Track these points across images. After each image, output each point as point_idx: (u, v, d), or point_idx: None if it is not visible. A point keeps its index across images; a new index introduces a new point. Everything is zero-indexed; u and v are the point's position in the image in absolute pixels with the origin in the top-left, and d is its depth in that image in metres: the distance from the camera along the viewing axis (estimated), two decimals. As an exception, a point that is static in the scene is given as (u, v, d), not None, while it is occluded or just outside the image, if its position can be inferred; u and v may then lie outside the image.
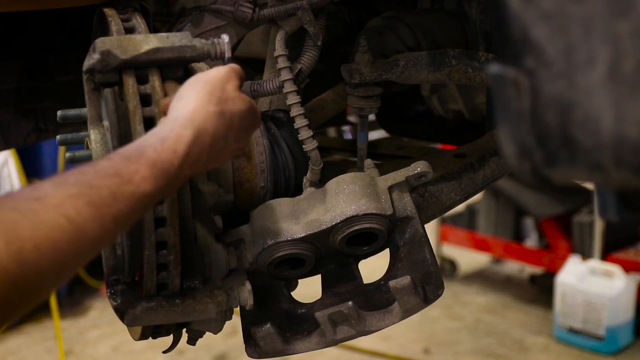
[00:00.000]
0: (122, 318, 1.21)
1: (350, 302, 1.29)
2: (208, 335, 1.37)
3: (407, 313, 1.32)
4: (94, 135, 1.22)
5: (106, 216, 0.90)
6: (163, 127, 1.02)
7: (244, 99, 1.11)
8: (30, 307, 0.89)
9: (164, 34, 1.19)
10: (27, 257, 0.83)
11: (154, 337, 1.33)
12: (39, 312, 4.51)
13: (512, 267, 5.07)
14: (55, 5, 1.39)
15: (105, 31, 1.27)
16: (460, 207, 4.20)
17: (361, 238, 1.35)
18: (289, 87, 1.39)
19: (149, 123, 1.15)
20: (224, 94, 1.08)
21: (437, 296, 1.33)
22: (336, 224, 1.31)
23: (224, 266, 1.28)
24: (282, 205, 1.34)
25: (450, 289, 4.68)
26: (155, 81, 1.16)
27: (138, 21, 1.24)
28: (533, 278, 4.84)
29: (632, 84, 0.76)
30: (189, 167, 1.01)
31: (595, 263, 4.11)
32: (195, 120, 1.03)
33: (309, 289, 1.57)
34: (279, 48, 1.40)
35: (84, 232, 0.88)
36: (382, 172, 1.39)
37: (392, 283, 1.30)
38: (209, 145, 1.03)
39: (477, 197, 3.34)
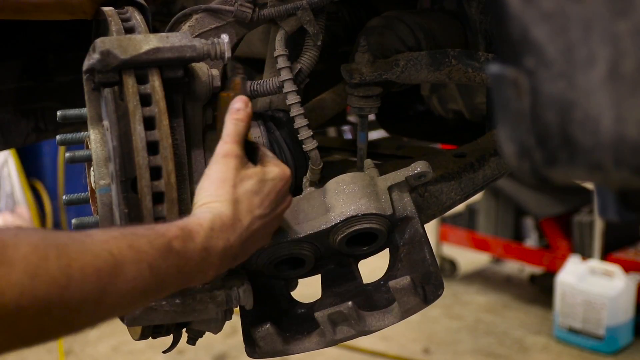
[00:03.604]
0: (122, 318, 1.21)
1: (350, 302, 1.29)
2: (208, 335, 1.37)
3: (406, 313, 1.32)
4: (94, 135, 1.23)
5: (143, 261, 0.97)
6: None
7: (248, 176, 1.17)
8: (64, 332, 0.93)
9: (163, 34, 1.19)
10: (74, 274, 0.90)
11: (153, 337, 1.34)
12: (39, 312, 4.50)
13: (512, 267, 5.07)
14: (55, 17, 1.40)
15: (105, 31, 1.27)
16: (460, 207, 4.20)
17: (361, 238, 1.35)
18: (288, 87, 1.39)
19: (149, 123, 1.15)
20: (227, 182, 1.15)
21: (437, 296, 1.33)
22: (336, 224, 1.31)
23: (224, 266, 1.28)
24: (282, 205, 1.34)
25: (450, 289, 4.68)
26: (155, 81, 1.16)
27: (138, 21, 1.24)
28: (533, 278, 4.84)
29: (632, 83, 0.76)
30: (219, 242, 1.08)
31: (595, 263, 4.11)
32: (212, 209, 1.12)
33: (309, 289, 1.57)
34: (279, 48, 1.40)
35: (122, 269, 0.95)
36: (382, 172, 1.39)
37: (391, 283, 1.29)
38: (232, 227, 1.12)
39: (477, 197, 3.34)
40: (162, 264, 1.00)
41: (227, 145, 1.17)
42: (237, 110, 1.20)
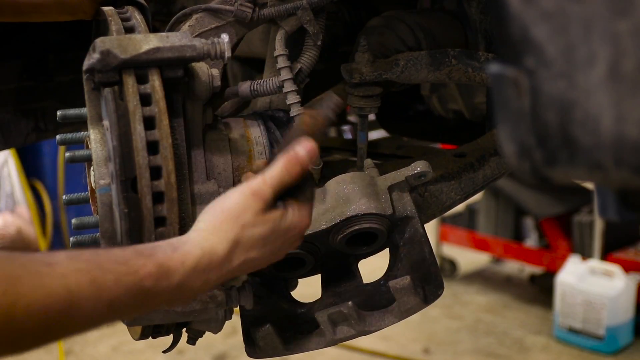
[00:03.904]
0: (122, 318, 1.21)
1: (350, 302, 1.29)
2: (208, 335, 1.37)
3: (406, 313, 1.32)
4: (93, 135, 1.22)
5: (103, 299, 0.94)
6: (178, 240, 1.06)
7: (265, 221, 1.09)
8: (7, 355, 0.91)
9: (163, 34, 1.19)
10: (16, 312, 0.87)
11: (153, 337, 1.34)
12: (39, 312, 4.50)
13: (512, 267, 5.07)
14: (55, 19, 1.40)
15: (105, 31, 1.27)
16: (460, 207, 4.20)
17: (361, 238, 1.35)
18: (288, 86, 1.39)
19: (149, 123, 1.15)
20: (238, 221, 1.07)
21: (437, 296, 1.33)
22: (336, 224, 1.31)
23: (224, 266, 1.28)
24: (282, 205, 1.34)
25: (450, 289, 4.67)
26: (155, 81, 1.16)
27: (138, 20, 1.24)
28: (533, 278, 4.84)
29: (632, 83, 0.76)
30: (197, 282, 1.03)
31: (595, 263, 4.11)
32: (206, 242, 1.05)
33: (309, 289, 1.57)
34: (279, 48, 1.40)
35: (77, 306, 0.92)
36: (382, 172, 1.39)
37: (391, 283, 1.30)
38: (218, 267, 1.05)
39: (477, 197, 3.33)
40: (124, 300, 0.96)
41: (262, 185, 1.08)
42: (297, 159, 1.10)
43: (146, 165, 1.14)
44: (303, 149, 1.11)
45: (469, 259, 5.07)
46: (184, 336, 1.37)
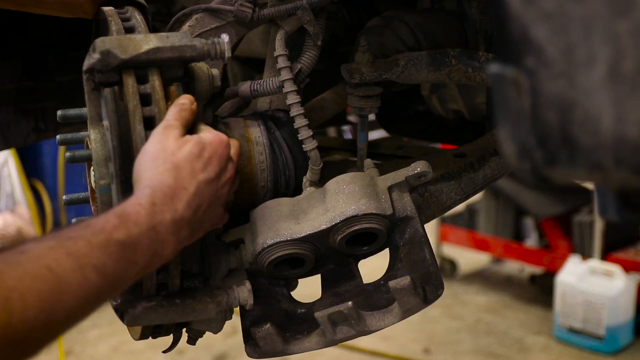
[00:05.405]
0: (122, 318, 1.21)
1: (349, 302, 1.29)
2: (208, 335, 1.37)
3: (406, 313, 1.32)
4: (93, 135, 1.23)
5: (86, 265, 0.93)
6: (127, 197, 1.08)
7: (186, 140, 1.13)
8: None
9: (164, 34, 1.19)
10: (14, 306, 0.85)
11: (154, 337, 1.34)
12: (39, 312, 4.49)
13: (512, 267, 5.07)
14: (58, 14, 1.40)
15: (105, 31, 1.27)
16: (460, 207, 4.20)
17: (361, 238, 1.35)
18: (288, 86, 1.39)
19: (149, 123, 1.15)
20: (167, 151, 1.11)
21: (437, 296, 1.33)
22: (336, 224, 1.31)
23: (224, 266, 1.28)
24: (282, 205, 1.35)
25: (450, 289, 4.67)
26: (155, 81, 1.16)
27: (138, 21, 1.24)
28: (533, 278, 4.84)
29: (632, 83, 0.76)
30: (166, 215, 1.05)
31: (595, 263, 4.11)
32: (151, 181, 1.07)
33: (309, 289, 1.57)
34: (279, 48, 1.40)
35: (65, 281, 0.91)
36: (382, 172, 1.39)
37: (391, 283, 1.29)
38: (175, 195, 1.07)
39: (477, 197, 3.34)
40: (107, 261, 0.95)
41: (168, 121, 1.14)
42: (182, 102, 1.17)
43: (146, 166, 1.14)
44: (180, 98, 1.18)
45: (469, 259, 5.08)
46: (184, 336, 1.37)
